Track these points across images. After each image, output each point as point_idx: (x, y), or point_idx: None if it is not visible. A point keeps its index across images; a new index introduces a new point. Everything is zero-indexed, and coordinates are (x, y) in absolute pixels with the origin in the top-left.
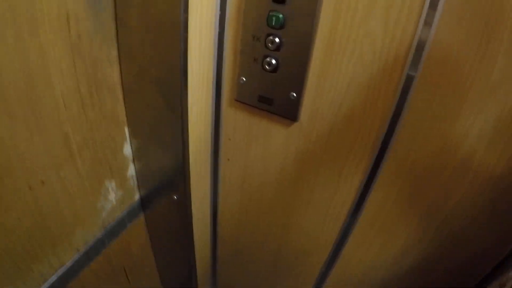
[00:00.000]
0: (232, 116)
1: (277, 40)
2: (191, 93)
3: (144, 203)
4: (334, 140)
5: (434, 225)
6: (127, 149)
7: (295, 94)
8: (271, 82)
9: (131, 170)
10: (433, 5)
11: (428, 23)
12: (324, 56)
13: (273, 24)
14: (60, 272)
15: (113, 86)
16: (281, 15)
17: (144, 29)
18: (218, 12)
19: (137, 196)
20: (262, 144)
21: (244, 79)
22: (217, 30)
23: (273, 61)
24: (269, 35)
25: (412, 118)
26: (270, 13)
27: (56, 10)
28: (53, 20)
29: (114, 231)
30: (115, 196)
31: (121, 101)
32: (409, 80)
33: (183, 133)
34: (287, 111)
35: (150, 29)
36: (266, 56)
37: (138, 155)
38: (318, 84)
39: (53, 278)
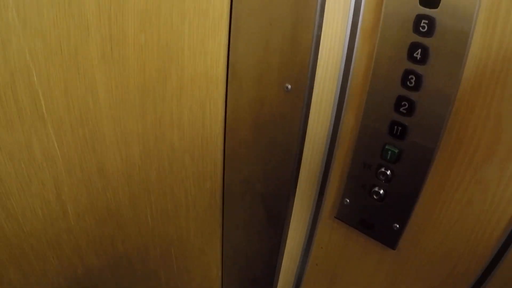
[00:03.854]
0: (329, 230)
1: (388, 173)
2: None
3: None
4: (429, 270)
5: None
6: None
7: (398, 226)
8: (375, 210)
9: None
10: None
11: None
12: (433, 195)
13: (388, 157)
14: None
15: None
16: (397, 150)
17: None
18: (330, 134)
19: None
20: (355, 261)
21: (348, 201)
22: (326, 152)
23: (381, 192)
24: (381, 166)
25: None
26: (386, 146)
27: None
28: None
29: None
30: None
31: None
32: None
33: (280, 246)
34: (387, 239)
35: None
36: (374, 185)
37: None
38: (422, 221)
39: None
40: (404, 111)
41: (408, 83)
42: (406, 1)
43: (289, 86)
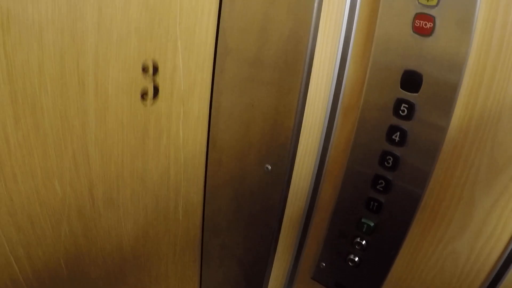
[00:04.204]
0: None
1: (364, 243)
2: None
3: None
4: None
5: None
6: None
7: None
8: (350, 274)
9: None
10: None
11: None
12: (406, 264)
13: (364, 230)
14: None
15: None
16: (372, 224)
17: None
18: (308, 204)
19: None
20: None
21: (324, 265)
22: (304, 220)
23: (356, 259)
24: (357, 236)
25: None
26: (362, 219)
27: None
28: None
29: None
30: None
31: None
32: None
33: None
34: None
35: (241, 216)
36: (350, 253)
37: None
38: (395, 286)
39: None
40: (381, 189)
41: (386, 163)
42: (388, 83)
43: (269, 167)
